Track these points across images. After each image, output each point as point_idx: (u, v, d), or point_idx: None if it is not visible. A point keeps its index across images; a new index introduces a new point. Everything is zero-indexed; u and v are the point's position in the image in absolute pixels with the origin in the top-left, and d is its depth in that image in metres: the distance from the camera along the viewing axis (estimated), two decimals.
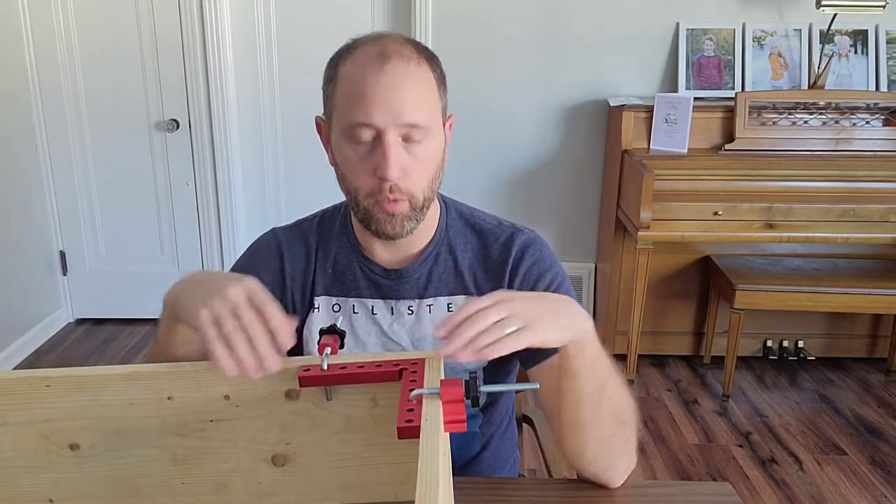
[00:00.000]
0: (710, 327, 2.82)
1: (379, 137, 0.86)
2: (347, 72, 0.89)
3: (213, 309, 0.69)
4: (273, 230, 1.05)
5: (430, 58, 0.91)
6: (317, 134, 1.01)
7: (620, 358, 2.80)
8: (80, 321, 3.20)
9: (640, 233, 2.40)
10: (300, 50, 2.89)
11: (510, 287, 0.98)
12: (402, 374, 0.73)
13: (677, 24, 2.79)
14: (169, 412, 0.77)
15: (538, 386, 0.73)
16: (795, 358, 2.81)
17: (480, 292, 0.98)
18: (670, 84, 2.84)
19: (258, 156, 3.03)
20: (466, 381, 0.68)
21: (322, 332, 0.83)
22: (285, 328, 0.70)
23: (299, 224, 1.06)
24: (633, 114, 2.64)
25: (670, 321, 2.87)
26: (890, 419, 2.49)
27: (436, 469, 0.56)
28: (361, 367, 0.74)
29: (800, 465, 2.22)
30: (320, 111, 0.98)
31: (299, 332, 1.00)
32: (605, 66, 2.85)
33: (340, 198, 0.99)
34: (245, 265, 1.03)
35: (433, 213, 1.00)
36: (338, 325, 0.84)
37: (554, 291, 0.96)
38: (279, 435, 0.79)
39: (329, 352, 0.75)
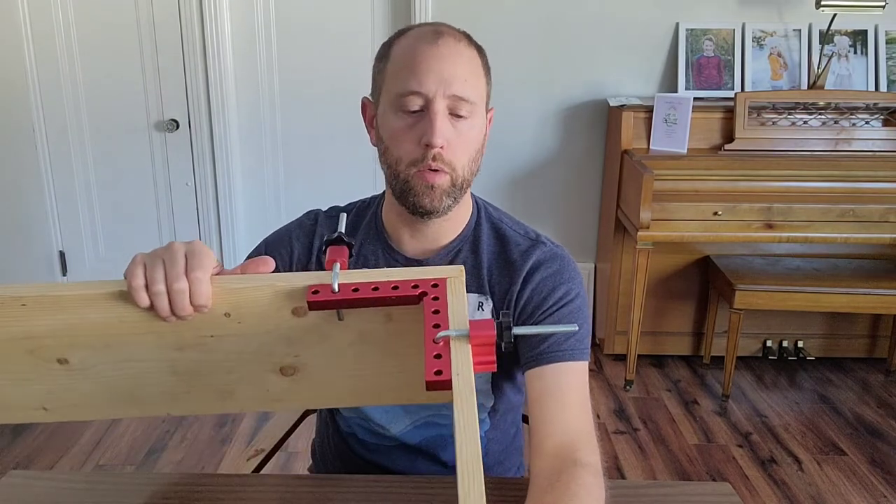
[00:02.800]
0: (710, 327, 2.82)
1: (426, 108, 0.89)
2: (402, 46, 0.92)
3: (147, 257, 0.70)
4: (316, 211, 1.09)
5: (479, 47, 0.96)
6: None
7: (620, 358, 2.81)
8: None
9: (639, 233, 2.41)
10: (300, 50, 2.89)
11: (521, 293, 0.97)
12: (423, 298, 0.65)
13: (677, 25, 2.80)
14: (164, 328, 0.71)
15: (577, 328, 0.69)
16: (795, 358, 2.81)
17: (493, 293, 0.99)
18: (670, 84, 2.84)
19: (258, 156, 3.03)
20: (499, 322, 0.62)
21: (328, 243, 0.77)
22: (203, 285, 0.68)
23: (336, 213, 1.08)
24: (633, 114, 2.64)
25: (670, 321, 2.87)
26: (890, 419, 2.49)
27: (475, 436, 0.52)
28: (376, 289, 0.66)
29: (799, 466, 2.22)
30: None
31: None
32: (605, 66, 2.85)
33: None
34: (283, 232, 1.07)
35: (465, 210, 1.01)
36: (345, 236, 0.76)
37: (564, 306, 0.96)
38: (286, 349, 0.73)
39: (338, 268, 0.68)
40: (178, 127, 2.94)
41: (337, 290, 0.66)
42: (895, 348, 2.80)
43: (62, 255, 3.10)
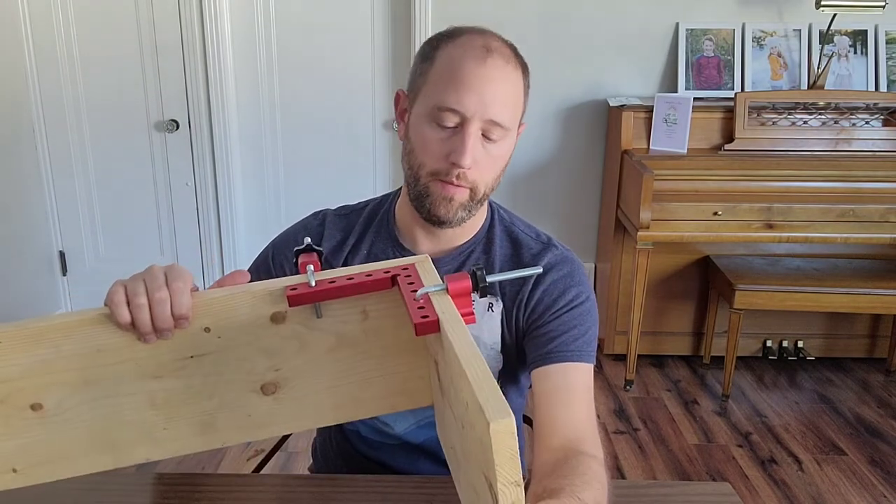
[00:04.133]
0: (710, 327, 2.82)
1: (461, 126, 0.89)
2: (449, 54, 0.91)
3: (128, 280, 0.72)
4: (323, 211, 1.08)
5: (524, 67, 0.97)
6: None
7: (620, 358, 2.81)
8: None
9: (639, 233, 2.41)
10: (300, 50, 2.89)
11: (532, 295, 0.98)
12: (396, 280, 0.70)
13: (677, 25, 2.80)
14: (143, 354, 0.71)
15: (541, 270, 0.72)
16: (795, 358, 2.81)
17: (504, 294, 0.99)
18: (670, 84, 2.84)
19: (258, 156, 3.03)
20: (473, 273, 0.66)
21: (298, 253, 0.80)
22: (184, 296, 0.69)
23: (346, 211, 1.08)
24: (633, 114, 2.64)
25: (670, 321, 2.87)
26: (890, 419, 2.49)
27: (475, 350, 0.54)
28: (351, 278, 0.71)
29: (799, 466, 2.22)
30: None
31: None
32: (605, 66, 2.85)
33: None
34: (289, 234, 1.07)
35: (479, 213, 1.01)
36: (314, 245, 0.81)
37: (574, 308, 0.97)
38: (267, 362, 0.74)
39: (312, 269, 0.72)
40: (178, 127, 2.94)
41: (314, 284, 0.70)
42: (895, 348, 2.80)
43: (62, 255, 3.10)
